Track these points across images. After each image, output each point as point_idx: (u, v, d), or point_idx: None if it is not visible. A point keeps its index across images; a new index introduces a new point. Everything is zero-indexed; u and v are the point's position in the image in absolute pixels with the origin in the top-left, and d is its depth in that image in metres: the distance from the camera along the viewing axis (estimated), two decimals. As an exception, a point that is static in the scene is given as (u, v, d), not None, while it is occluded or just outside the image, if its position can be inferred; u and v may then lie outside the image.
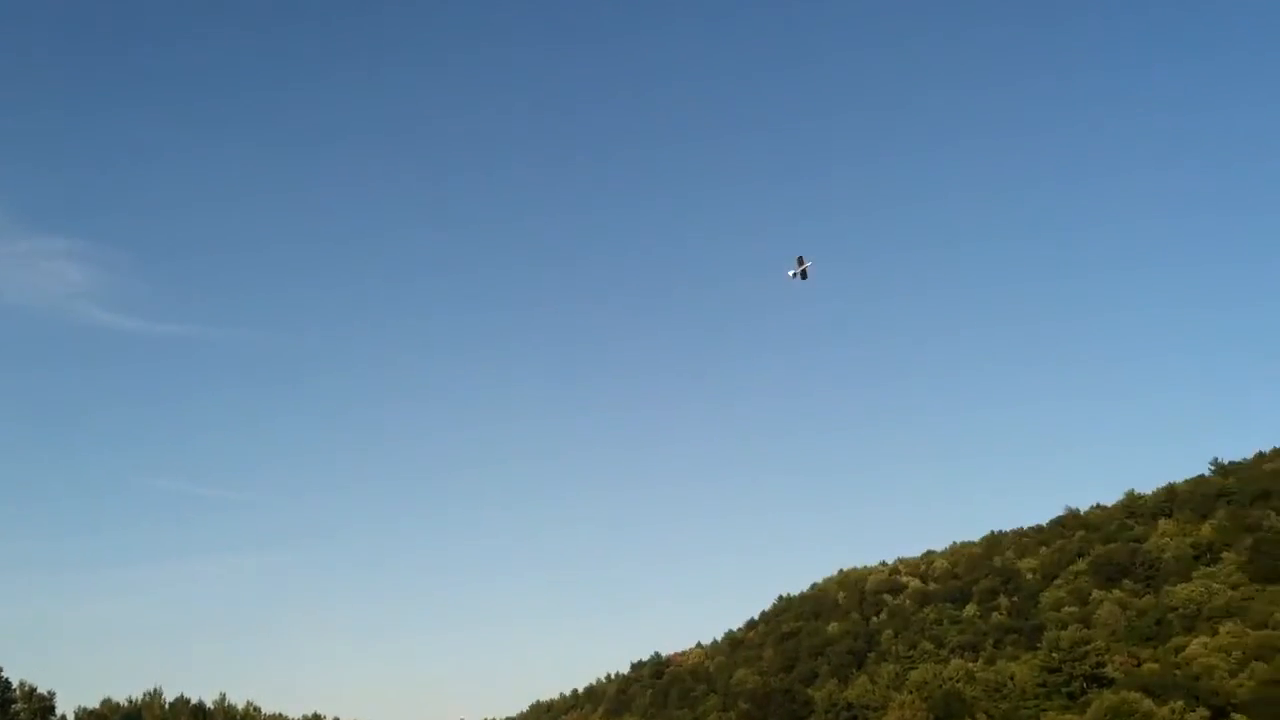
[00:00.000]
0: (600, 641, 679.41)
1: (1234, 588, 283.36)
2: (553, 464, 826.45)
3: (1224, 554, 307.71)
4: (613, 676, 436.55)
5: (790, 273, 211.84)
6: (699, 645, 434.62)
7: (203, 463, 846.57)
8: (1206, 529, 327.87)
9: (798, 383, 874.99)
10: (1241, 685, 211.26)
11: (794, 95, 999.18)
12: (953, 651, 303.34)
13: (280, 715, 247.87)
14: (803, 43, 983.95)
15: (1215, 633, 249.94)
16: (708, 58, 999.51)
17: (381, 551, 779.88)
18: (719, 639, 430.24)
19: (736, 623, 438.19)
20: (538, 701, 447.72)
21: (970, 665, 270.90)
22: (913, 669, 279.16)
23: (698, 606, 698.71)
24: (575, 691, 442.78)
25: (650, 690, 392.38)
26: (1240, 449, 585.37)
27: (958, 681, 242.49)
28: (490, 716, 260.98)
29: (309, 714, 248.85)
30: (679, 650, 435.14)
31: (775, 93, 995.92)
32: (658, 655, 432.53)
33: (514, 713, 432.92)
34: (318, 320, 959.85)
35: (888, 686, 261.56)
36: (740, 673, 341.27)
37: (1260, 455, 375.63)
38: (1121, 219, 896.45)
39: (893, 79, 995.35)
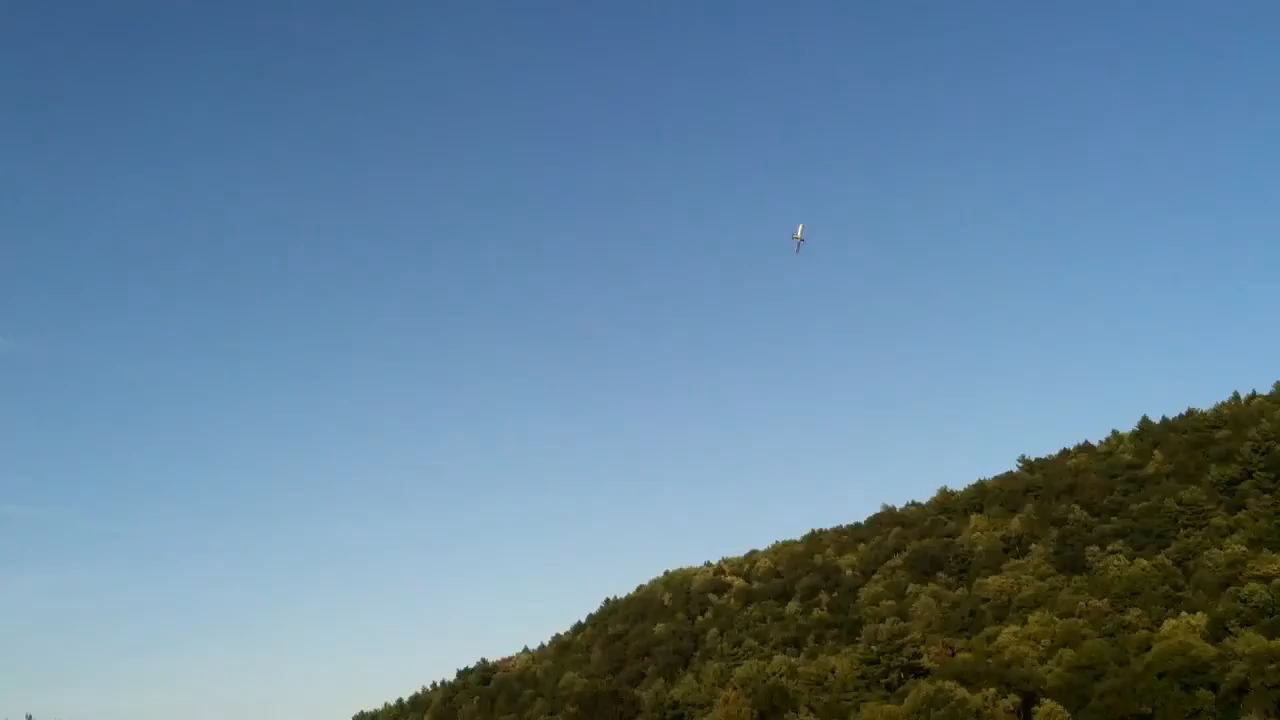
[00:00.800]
0: (425, 650, 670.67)
1: (1041, 578, 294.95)
2: (376, 471, 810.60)
3: (1032, 546, 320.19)
4: (438, 684, 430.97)
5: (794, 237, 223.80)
6: (526, 650, 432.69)
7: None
8: (1015, 523, 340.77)
9: (622, 385, 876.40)
10: (1050, 671, 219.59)
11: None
12: (776, 648, 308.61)
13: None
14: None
15: (1025, 622, 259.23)
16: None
17: (186, 562, 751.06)
18: (546, 643, 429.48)
19: (564, 627, 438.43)
20: (361, 712, 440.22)
21: (793, 660, 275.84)
22: (737, 666, 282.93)
23: (524, 612, 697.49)
24: (400, 701, 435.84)
25: (477, 697, 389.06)
26: (1046, 446, 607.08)
27: (781, 676, 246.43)
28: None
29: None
30: (506, 656, 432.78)
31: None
32: (484, 661, 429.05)
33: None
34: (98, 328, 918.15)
35: (713, 684, 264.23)
36: (568, 675, 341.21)
37: (1065, 452, 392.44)
38: (944, 223, 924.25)
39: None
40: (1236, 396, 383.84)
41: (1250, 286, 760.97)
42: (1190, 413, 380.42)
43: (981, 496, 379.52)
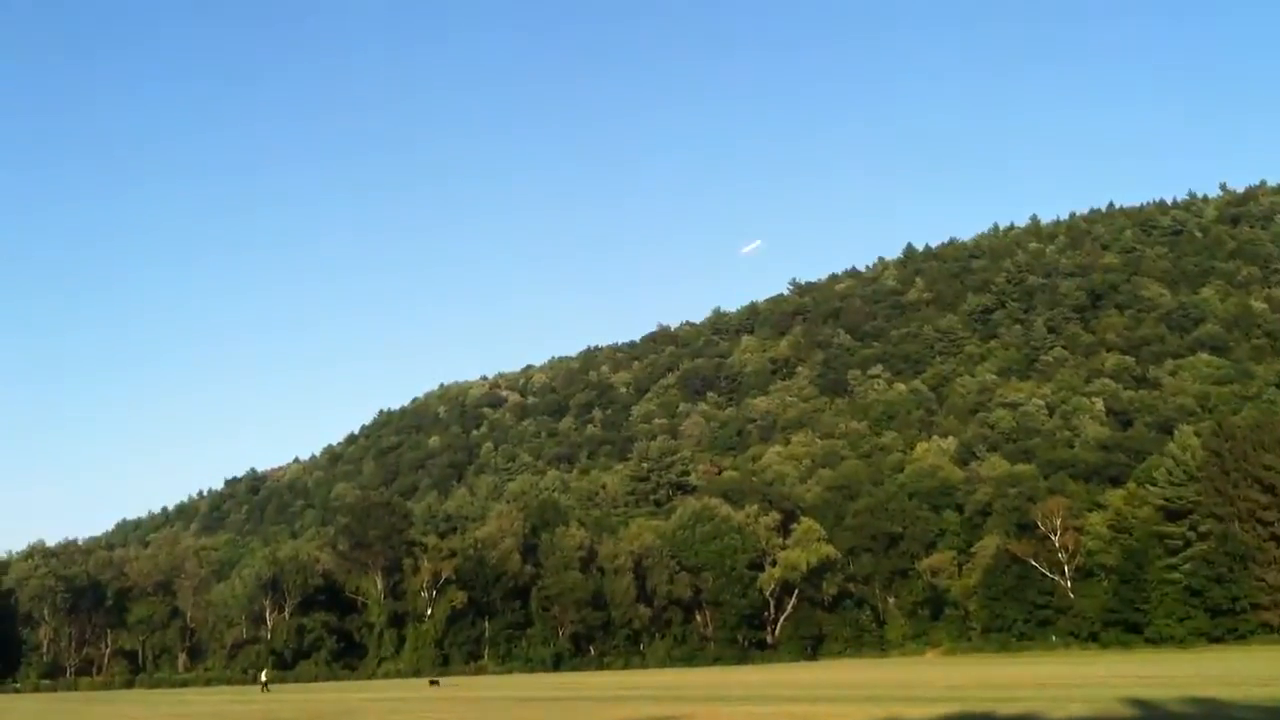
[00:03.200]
0: (191, 457, 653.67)
1: (805, 400, 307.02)
2: (137, 259, 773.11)
3: (798, 369, 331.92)
4: (205, 493, 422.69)
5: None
6: (297, 460, 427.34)
7: None
8: (784, 345, 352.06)
9: (388, 181, 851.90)
10: (809, 490, 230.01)
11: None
12: (550, 463, 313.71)
13: None
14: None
15: (788, 442, 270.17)
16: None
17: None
18: (318, 454, 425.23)
19: (336, 438, 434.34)
20: (124, 520, 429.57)
21: (565, 475, 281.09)
22: (511, 480, 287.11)
23: (296, 422, 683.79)
24: (165, 509, 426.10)
25: (246, 506, 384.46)
26: (817, 270, 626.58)
27: (554, 491, 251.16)
28: (72, 537, 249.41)
29: None
30: (276, 465, 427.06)
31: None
32: (253, 470, 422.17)
33: (98, 532, 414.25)
34: None
35: (486, 497, 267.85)
36: (339, 486, 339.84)
37: (833, 276, 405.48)
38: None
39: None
40: (995, 227, 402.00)
41: (1021, 114, 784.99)
42: (951, 241, 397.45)
43: (753, 318, 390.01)
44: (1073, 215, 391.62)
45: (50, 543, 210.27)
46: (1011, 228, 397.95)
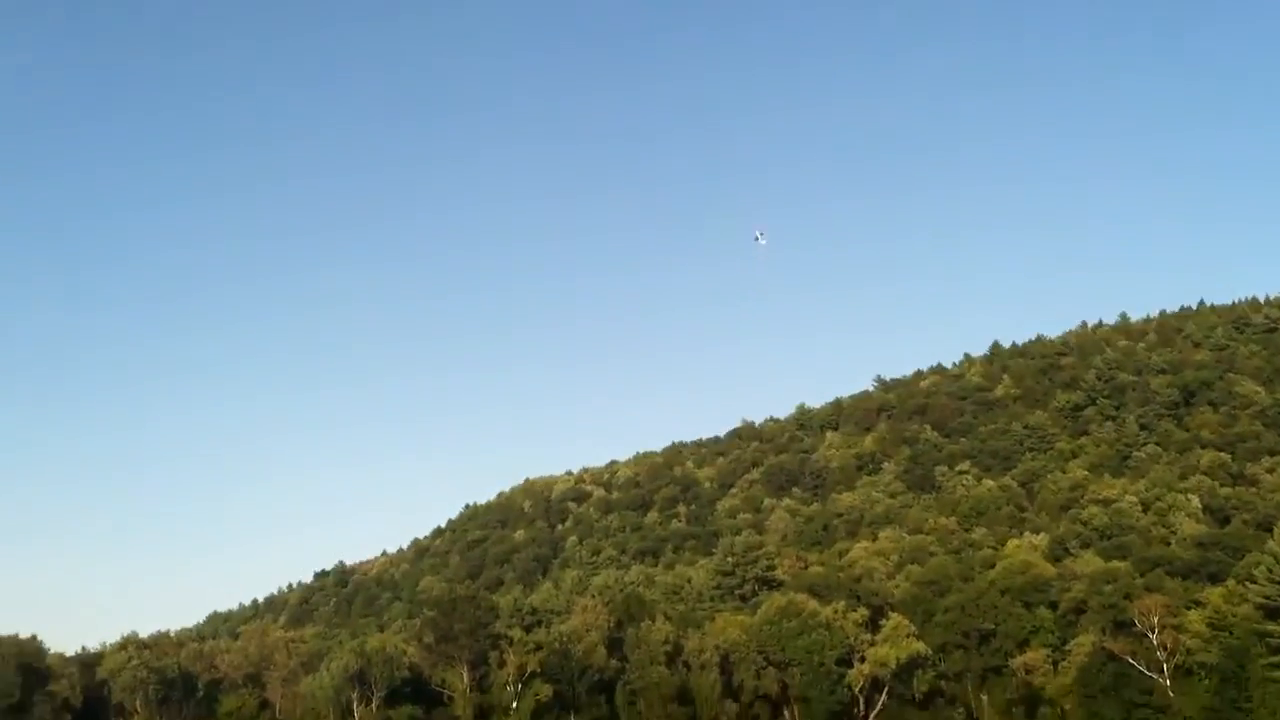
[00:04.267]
0: (282, 552, 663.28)
1: (892, 496, 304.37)
2: (230, 366, 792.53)
3: (884, 464, 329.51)
4: (295, 586, 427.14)
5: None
6: (384, 554, 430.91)
7: None
8: (869, 441, 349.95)
9: (475, 284, 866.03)
10: (898, 586, 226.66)
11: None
12: (634, 557, 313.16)
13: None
14: None
15: (875, 538, 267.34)
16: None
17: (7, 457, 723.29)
18: (405, 547, 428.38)
19: (423, 532, 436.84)
20: (214, 612, 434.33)
21: (650, 569, 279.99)
22: (596, 574, 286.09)
23: (384, 516, 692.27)
24: (255, 601, 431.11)
25: (334, 599, 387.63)
26: (901, 367, 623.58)
27: (638, 585, 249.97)
28: (165, 629, 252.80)
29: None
30: (364, 559, 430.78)
31: None
32: (342, 564, 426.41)
33: (190, 624, 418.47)
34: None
35: (571, 591, 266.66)
36: (426, 580, 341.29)
37: (918, 373, 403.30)
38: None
39: None
40: (1083, 325, 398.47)
41: (1099, 218, 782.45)
42: (1039, 339, 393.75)
43: (838, 414, 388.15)
44: (1163, 313, 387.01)
45: (143, 634, 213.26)
46: (1100, 325, 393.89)
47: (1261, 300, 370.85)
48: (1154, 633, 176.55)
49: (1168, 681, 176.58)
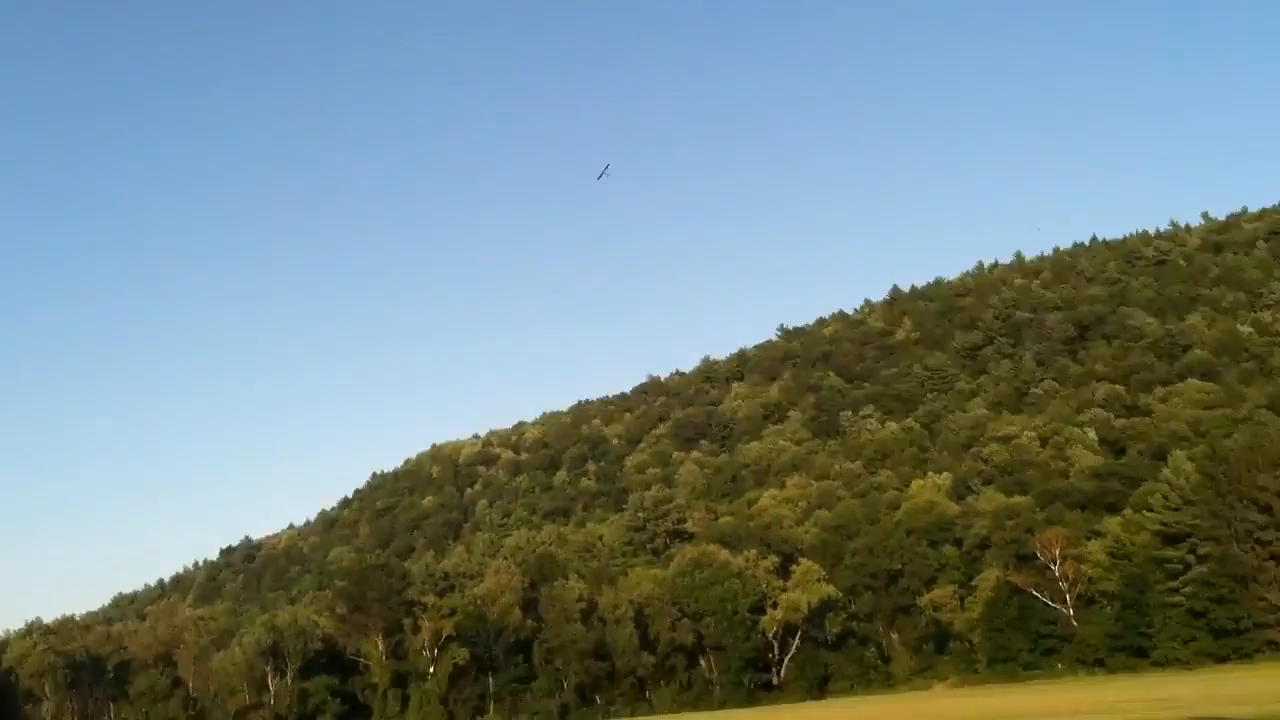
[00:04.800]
0: (186, 529, 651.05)
1: (798, 443, 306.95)
2: (125, 332, 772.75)
3: (790, 413, 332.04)
4: (201, 563, 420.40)
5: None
6: (291, 526, 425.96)
7: None
8: (774, 390, 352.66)
9: (372, 244, 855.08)
10: (807, 532, 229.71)
11: None
12: (545, 517, 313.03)
13: None
14: None
15: (783, 485, 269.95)
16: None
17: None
18: (312, 519, 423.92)
19: (331, 503, 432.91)
20: (120, 594, 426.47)
21: (562, 529, 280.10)
22: (507, 536, 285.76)
23: (288, 488, 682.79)
24: (161, 581, 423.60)
25: (242, 575, 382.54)
26: (803, 315, 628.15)
27: (551, 545, 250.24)
28: (69, 613, 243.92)
29: None
30: (271, 533, 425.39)
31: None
32: (248, 539, 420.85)
33: (95, 607, 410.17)
34: None
35: (484, 554, 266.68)
36: (336, 550, 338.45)
37: (821, 320, 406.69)
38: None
39: None
40: (980, 265, 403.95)
41: (994, 152, 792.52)
42: (937, 281, 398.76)
43: (743, 365, 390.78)
44: (1056, 250, 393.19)
45: (48, 619, 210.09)
46: (996, 265, 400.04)
47: (1152, 234, 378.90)
48: (1056, 564, 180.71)
49: (1071, 611, 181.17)
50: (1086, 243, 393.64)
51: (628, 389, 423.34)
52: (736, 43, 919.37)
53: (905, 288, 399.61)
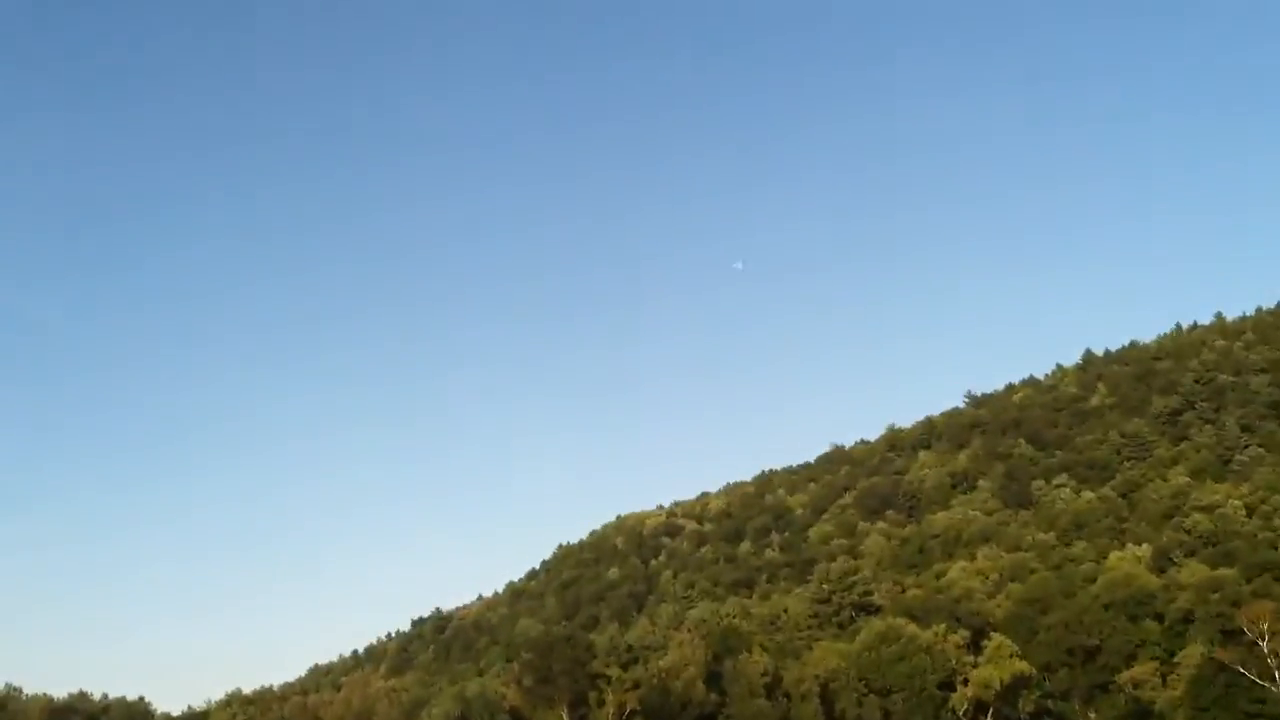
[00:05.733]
0: (379, 601, 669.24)
1: (989, 514, 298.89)
2: (325, 418, 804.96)
3: (979, 482, 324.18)
4: (394, 635, 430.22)
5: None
6: (480, 598, 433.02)
7: None
8: (962, 459, 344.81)
9: (554, 323, 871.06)
10: (999, 605, 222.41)
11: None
12: (729, 589, 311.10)
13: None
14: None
15: (973, 557, 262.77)
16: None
17: (114, 520, 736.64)
18: (500, 590, 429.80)
19: (518, 574, 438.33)
20: (316, 665, 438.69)
21: (746, 601, 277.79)
22: (691, 608, 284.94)
23: (478, 560, 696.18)
24: (355, 652, 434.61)
25: (432, 645, 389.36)
26: (992, 381, 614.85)
27: (734, 617, 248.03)
28: (268, 684, 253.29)
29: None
30: (461, 604, 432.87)
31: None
32: (439, 610, 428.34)
33: (292, 678, 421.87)
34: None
35: (667, 626, 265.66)
36: (523, 622, 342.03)
37: (1010, 387, 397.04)
38: (889, 156, 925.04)
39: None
40: (1178, 327, 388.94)
41: (1189, 218, 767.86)
42: (1132, 344, 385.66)
43: (929, 433, 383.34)
44: (1259, 309, 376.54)
45: (246, 690, 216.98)
46: (1195, 326, 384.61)
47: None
48: (1265, 640, 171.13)
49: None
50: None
51: (812, 458, 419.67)
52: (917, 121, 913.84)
53: (1098, 351, 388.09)
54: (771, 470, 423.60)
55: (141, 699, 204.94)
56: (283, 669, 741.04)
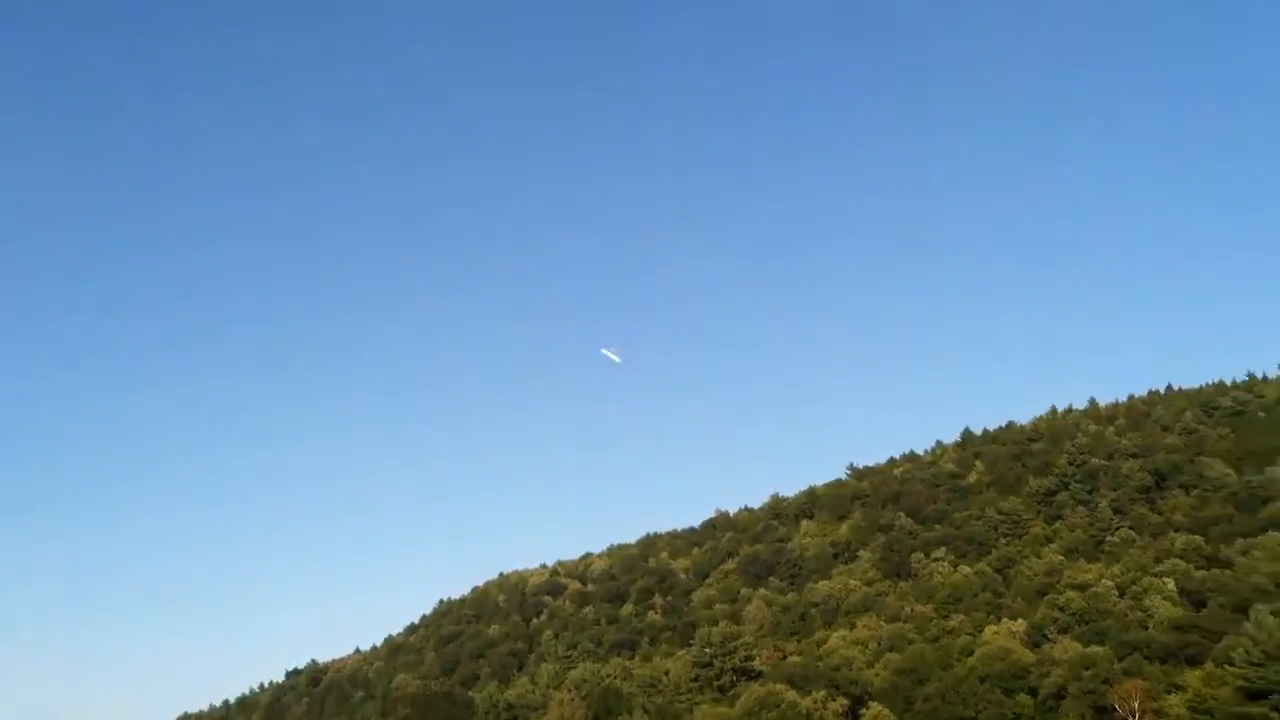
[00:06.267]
0: (251, 651, 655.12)
1: (869, 584, 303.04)
2: (204, 463, 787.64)
3: (860, 553, 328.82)
4: (266, 685, 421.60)
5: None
6: (357, 651, 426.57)
7: None
8: (844, 529, 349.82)
9: (443, 377, 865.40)
10: (877, 674, 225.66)
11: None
12: (611, 650, 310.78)
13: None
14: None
15: (853, 626, 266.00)
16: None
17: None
18: (378, 645, 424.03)
19: (396, 628, 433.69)
20: (184, 714, 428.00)
21: (627, 662, 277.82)
22: (572, 668, 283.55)
23: (355, 613, 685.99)
24: (226, 702, 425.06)
25: (306, 699, 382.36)
26: (874, 454, 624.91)
27: (616, 678, 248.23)
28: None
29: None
30: (336, 657, 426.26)
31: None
32: (314, 662, 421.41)
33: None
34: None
35: (548, 686, 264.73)
36: (400, 677, 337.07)
37: (892, 460, 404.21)
38: (775, 233, 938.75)
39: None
40: (1053, 410, 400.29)
41: (1067, 302, 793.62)
42: (1010, 425, 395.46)
43: (812, 503, 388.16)
44: (1131, 397, 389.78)
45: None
46: (1070, 410, 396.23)
47: (1229, 384, 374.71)
48: (1135, 717, 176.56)
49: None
50: (1162, 390, 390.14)
51: (696, 523, 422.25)
52: (804, 170, 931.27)
53: (977, 430, 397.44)
54: (655, 534, 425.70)
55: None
56: (150, 718, 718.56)
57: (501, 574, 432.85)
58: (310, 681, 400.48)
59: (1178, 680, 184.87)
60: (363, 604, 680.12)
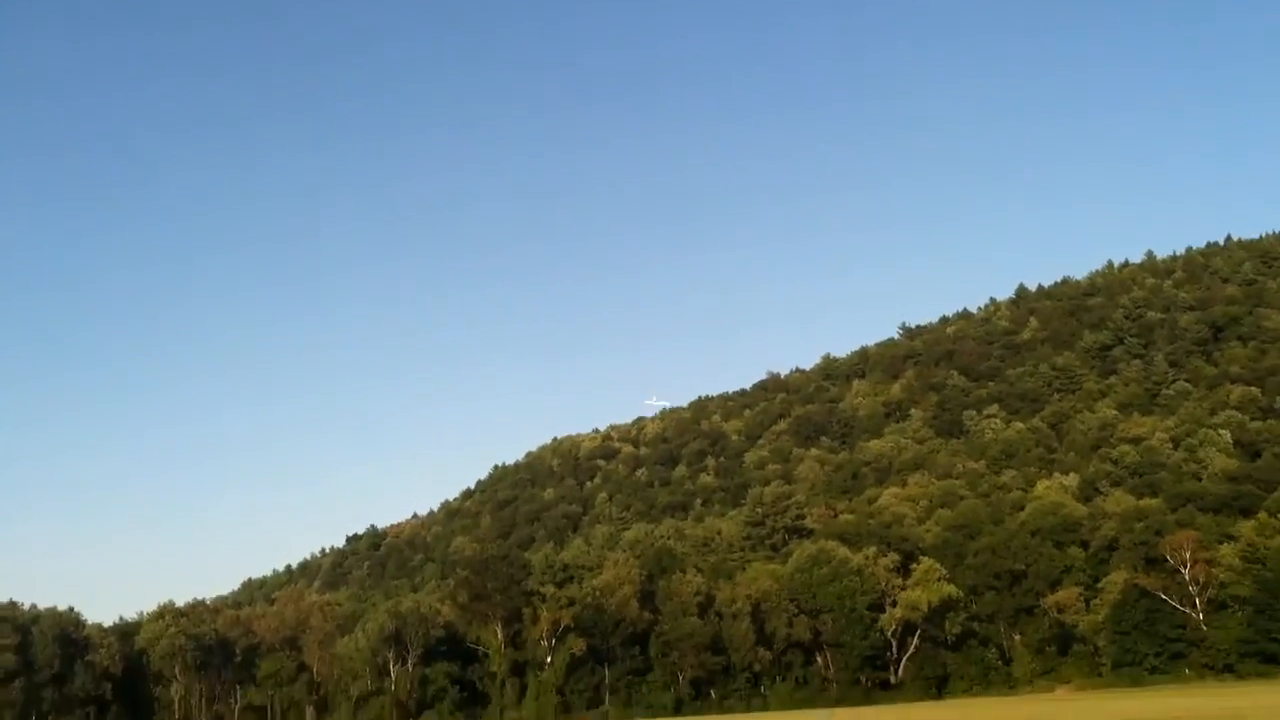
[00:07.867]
0: (313, 516, 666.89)
1: (920, 442, 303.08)
2: (260, 333, 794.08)
3: (912, 411, 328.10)
4: (328, 550, 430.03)
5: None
6: (415, 516, 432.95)
7: None
8: (896, 389, 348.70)
9: (489, 240, 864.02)
10: (928, 530, 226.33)
11: None
12: (664, 511, 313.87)
13: None
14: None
15: (904, 484, 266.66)
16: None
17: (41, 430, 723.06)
18: (435, 509, 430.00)
19: (453, 493, 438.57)
20: (249, 579, 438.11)
21: (680, 523, 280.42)
22: (626, 529, 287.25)
23: (413, 478, 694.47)
24: (289, 567, 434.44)
25: (367, 562, 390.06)
26: (926, 313, 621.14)
27: (669, 539, 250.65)
28: (200, 597, 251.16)
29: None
30: (395, 522, 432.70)
31: None
32: (374, 527, 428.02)
33: (225, 591, 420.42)
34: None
35: (602, 547, 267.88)
36: (458, 541, 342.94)
37: (944, 319, 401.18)
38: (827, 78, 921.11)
39: None
40: (1110, 264, 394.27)
41: (1122, 154, 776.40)
42: (1065, 280, 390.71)
43: (864, 363, 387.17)
44: (1189, 249, 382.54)
45: (179, 603, 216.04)
46: (1126, 264, 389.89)
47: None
48: (1186, 568, 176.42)
49: (1200, 615, 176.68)
50: (1221, 242, 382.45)
51: (748, 385, 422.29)
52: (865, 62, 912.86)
53: (1031, 287, 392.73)
54: (707, 396, 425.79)
55: (72, 610, 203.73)
56: (215, 583, 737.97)
57: (555, 439, 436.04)
58: (370, 546, 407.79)
59: (1230, 530, 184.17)
60: (421, 471, 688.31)
